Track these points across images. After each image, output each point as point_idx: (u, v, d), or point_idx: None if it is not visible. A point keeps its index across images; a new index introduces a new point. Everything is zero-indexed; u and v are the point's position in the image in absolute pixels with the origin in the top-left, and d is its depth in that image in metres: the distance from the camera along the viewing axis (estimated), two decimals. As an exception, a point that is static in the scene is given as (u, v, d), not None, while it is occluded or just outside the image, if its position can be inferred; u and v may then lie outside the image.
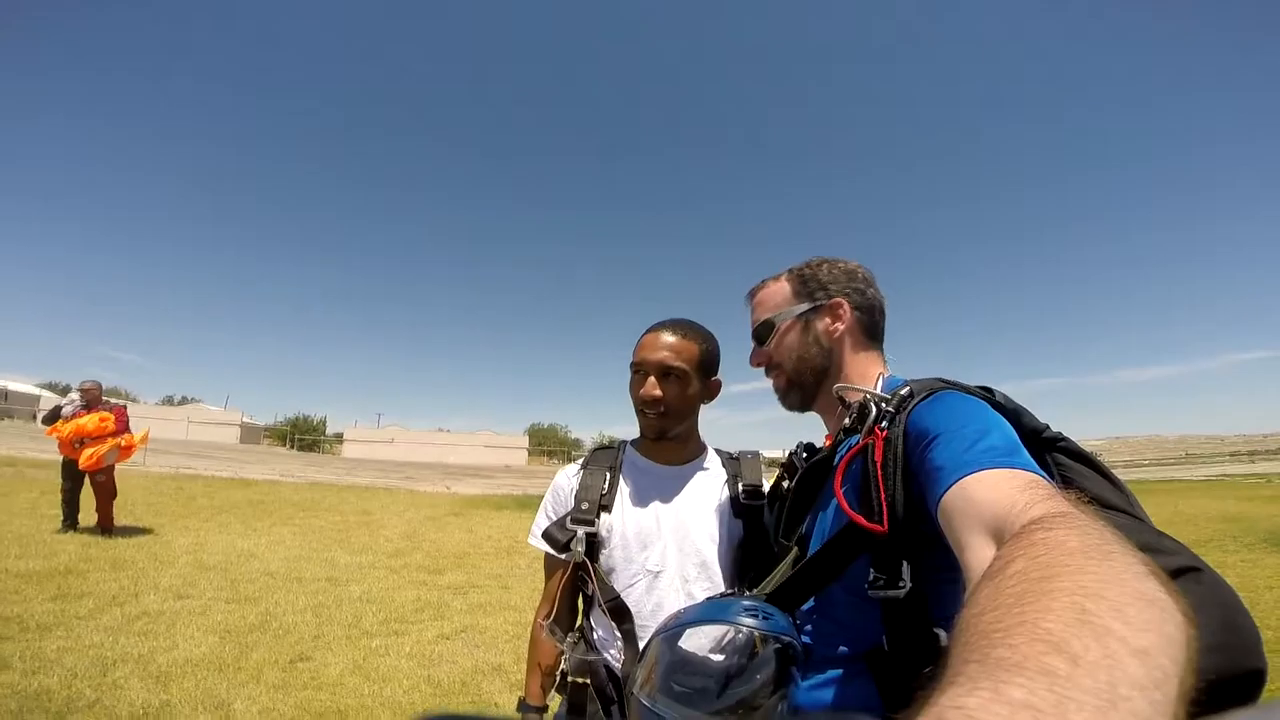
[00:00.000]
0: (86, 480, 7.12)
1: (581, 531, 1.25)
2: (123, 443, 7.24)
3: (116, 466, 7.37)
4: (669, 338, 1.26)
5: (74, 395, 7.32)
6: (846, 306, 1.02)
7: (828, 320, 1.02)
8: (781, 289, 1.07)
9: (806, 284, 1.05)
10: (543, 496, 1.38)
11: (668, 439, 1.30)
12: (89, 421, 6.98)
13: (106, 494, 7.15)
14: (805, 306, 1.04)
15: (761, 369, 1.11)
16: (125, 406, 7.55)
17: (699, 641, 0.85)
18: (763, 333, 1.07)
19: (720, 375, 1.34)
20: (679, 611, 0.93)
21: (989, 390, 0.83)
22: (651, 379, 1.24)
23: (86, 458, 6.90)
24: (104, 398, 7.45)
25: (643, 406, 1.26)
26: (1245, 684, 0.57)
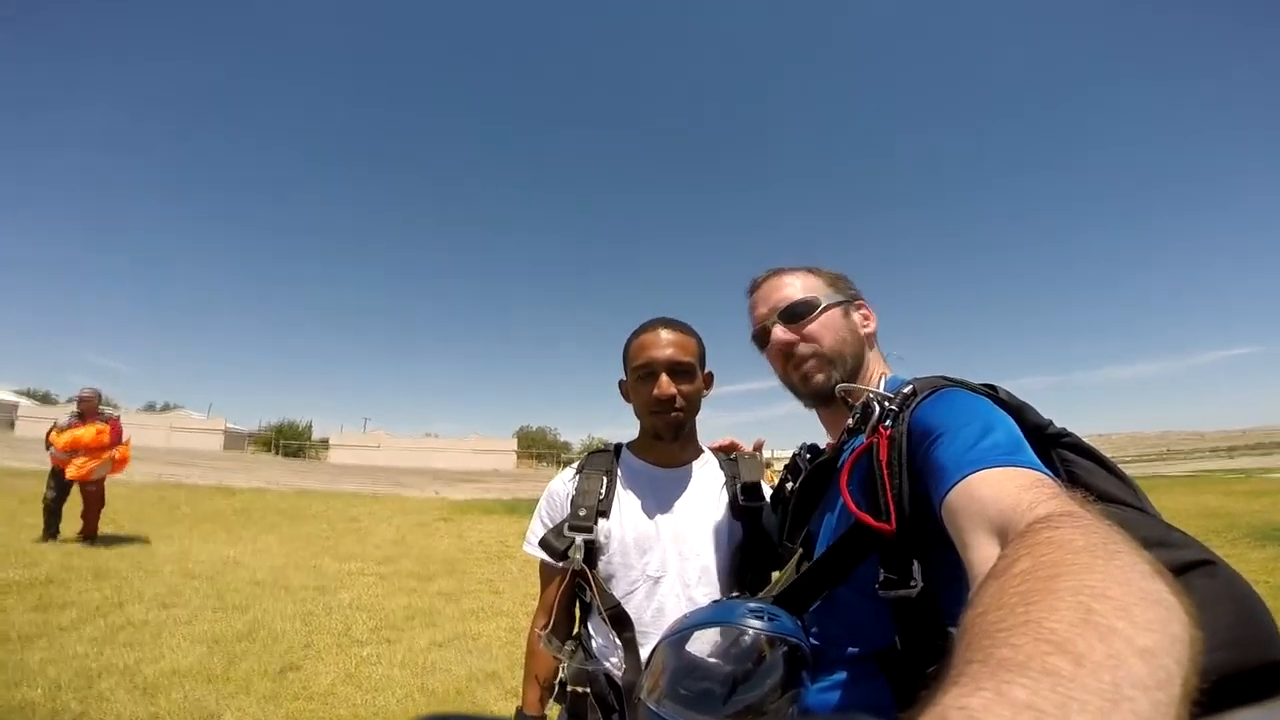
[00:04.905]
0: (72, 491, 6.96)
1: (580, 539, 1.22)
2: (116, 455, 7.12)
3: (108, 477, 7.25)
4: (670, 334, 1.26)
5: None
6: (872, 312, 1.08)
7: (860, 318, 1.06)
8: (815, 278, 1.07)
9: (837, 282, 1.07)
10: (532, 500, 1.35)
11: (678, 437, 1.29)
12: (85, 434, 6.85)
13: (96, 503, 7.05)
14: (844, 298, 1.05)
15: (787, 347, 1.03)
16: (119, 418, 7.38)
17: (705, 645, 0.84)
18: (801, 310, 1.02)
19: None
20: (685, 616, 0.92)
21: (992, 388, 0.83)
22: (664, 377, 1.23)
23: (77, 467, 6.76)
24: (99, 408, 7.29)
25: (658, 407, 1.24)
26: (1265, 677, 0.56)
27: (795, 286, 1.05)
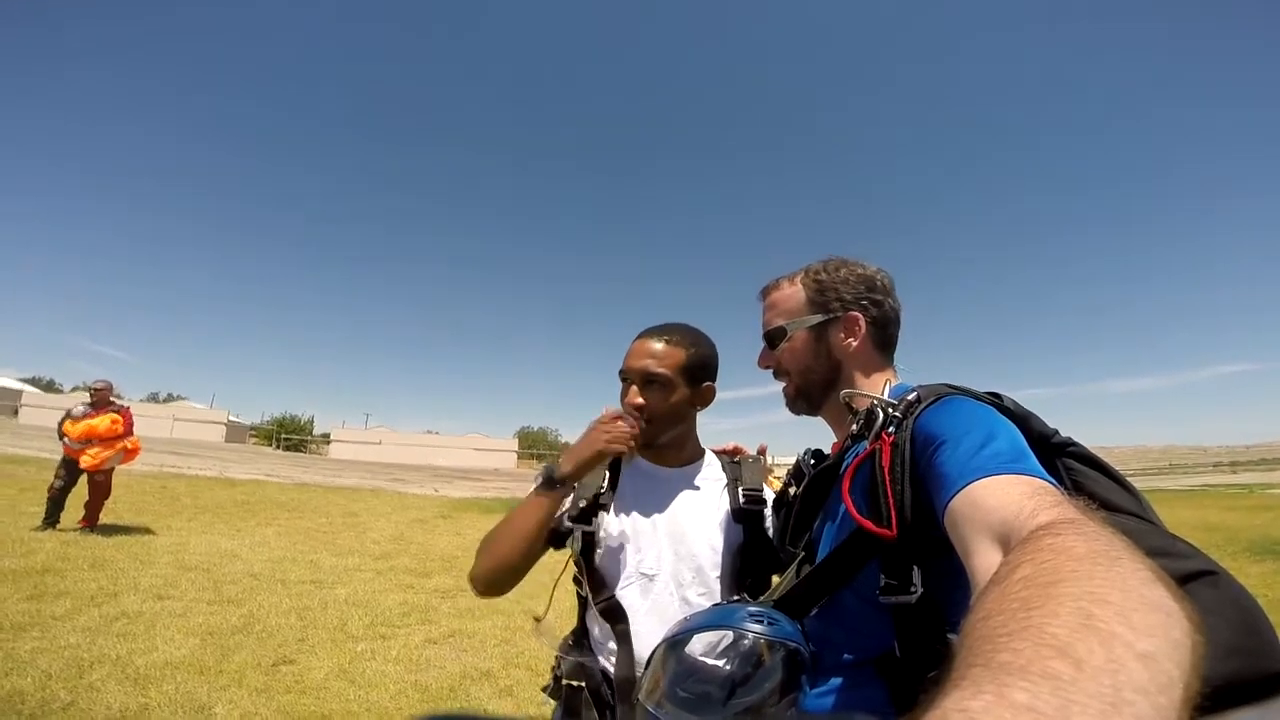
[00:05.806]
0: (79, 481, 7.03)
1: (578, 530, 1.22)
2: (129, 445, 7.21)
3: (118, 467, 7.34)
4: (654, 344, 1.25)
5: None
6: (862, 322, 1.00)
7: (840, 334, 1.01)
8: (796, 294, 1.05)
9: (823, 292, 1.02)
10: None
11: (655, 446, 1.29)
12: (100, 423, 6.91)
13: (101, 493, 7.11)
14: (819, 318, 1.02)
15: (768, 370, 1.11)
16: (129, 408, 7.48)
17: (705, 648, 0.84)
18: (774, 337, 1.06)
19: (715, 381, 1.32)
20: (685, 618, 0.92)
21: (997, 396, 0.83)
22: (634, 388, 1.23)
23: (91, 457, 6.82)
24: (110, 398, 7.36)
25: (627, 414, 1.25)
26: (1266, 687, 0.56)
27: (777, 309, 1.08)
